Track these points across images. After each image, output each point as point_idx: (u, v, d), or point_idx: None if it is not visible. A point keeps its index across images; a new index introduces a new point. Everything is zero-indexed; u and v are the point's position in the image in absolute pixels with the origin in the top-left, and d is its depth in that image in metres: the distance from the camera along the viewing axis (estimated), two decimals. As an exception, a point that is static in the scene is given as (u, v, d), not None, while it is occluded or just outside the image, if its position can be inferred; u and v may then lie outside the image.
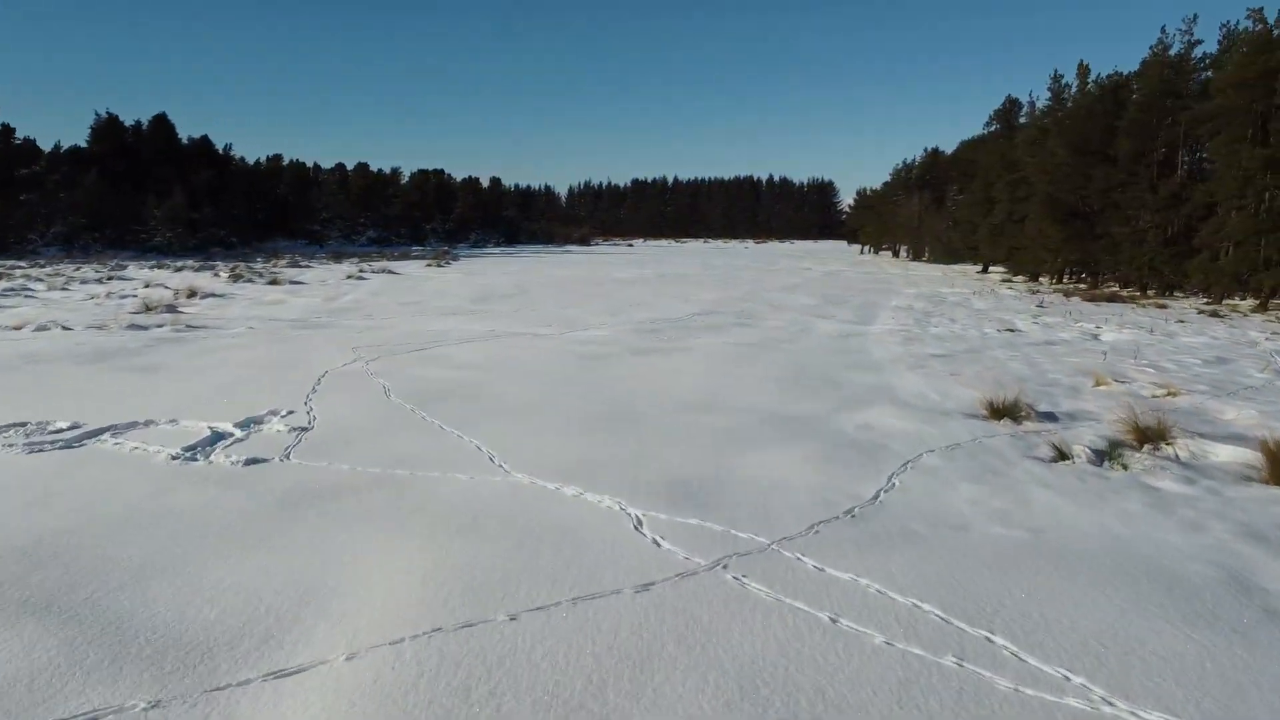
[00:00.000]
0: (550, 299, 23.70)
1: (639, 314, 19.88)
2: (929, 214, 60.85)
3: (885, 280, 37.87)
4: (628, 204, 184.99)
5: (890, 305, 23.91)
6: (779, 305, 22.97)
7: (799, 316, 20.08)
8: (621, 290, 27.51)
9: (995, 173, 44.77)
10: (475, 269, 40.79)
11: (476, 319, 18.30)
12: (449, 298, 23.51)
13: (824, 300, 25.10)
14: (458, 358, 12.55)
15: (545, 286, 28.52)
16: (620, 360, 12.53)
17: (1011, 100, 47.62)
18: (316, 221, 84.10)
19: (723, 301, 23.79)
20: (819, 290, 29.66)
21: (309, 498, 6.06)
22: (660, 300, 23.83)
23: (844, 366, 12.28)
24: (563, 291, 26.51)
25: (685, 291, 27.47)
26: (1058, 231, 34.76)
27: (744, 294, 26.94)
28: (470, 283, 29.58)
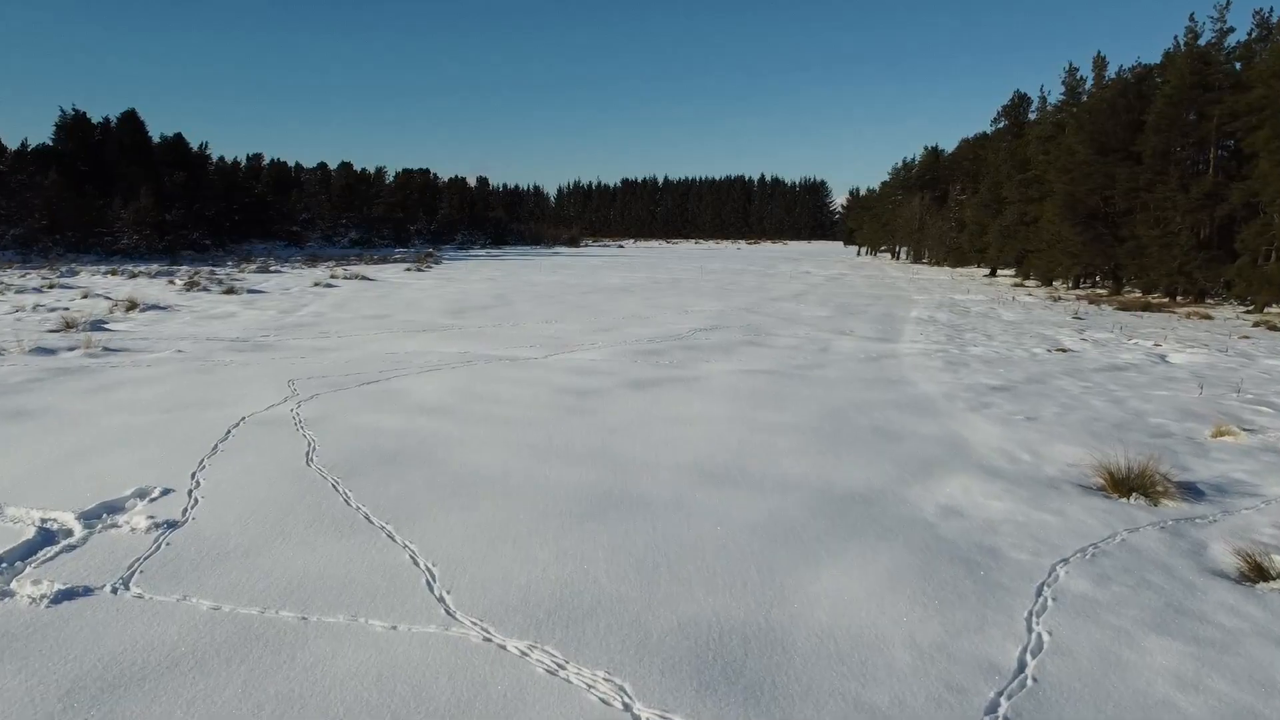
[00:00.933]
0: (535, 311, 21.36)
1: (635, 329, 17.56)
2: (930, 215, 58.75)
3: (893, 286, 35.67)
4: (617, 204, 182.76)
5: (910, 316, 21.67)
6: (789, 317, 20.69)
7: (814, 332, 17.80)
8: (614, 300, 25.20)
9: (1005, 172, 42.66)
10: (456, 274, 38.39)
11: (449, 337, 15.94)
12: (421, 310, 21.14)
13: (837, 310, 22.83)
14: (416, 395, 10.20)
15: (530, 295, 26.18)
16: (616, 398, 10.21)
17: (1020, 96, 45.51)
18: (296, 222, 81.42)
19: (726, 313, 21.49)
20: (827, 298, 27.42)
21: (110, 693, 3.70)
22: (657, 312, 21.52)
23: (891, 406, 10.00)
24: (549, 301, 24.18)
25: (683, 301, 25.16)
26: (1078, 234, 32.62)
27: (748, 303, 24.65)
28: (448, 291, 27.21)
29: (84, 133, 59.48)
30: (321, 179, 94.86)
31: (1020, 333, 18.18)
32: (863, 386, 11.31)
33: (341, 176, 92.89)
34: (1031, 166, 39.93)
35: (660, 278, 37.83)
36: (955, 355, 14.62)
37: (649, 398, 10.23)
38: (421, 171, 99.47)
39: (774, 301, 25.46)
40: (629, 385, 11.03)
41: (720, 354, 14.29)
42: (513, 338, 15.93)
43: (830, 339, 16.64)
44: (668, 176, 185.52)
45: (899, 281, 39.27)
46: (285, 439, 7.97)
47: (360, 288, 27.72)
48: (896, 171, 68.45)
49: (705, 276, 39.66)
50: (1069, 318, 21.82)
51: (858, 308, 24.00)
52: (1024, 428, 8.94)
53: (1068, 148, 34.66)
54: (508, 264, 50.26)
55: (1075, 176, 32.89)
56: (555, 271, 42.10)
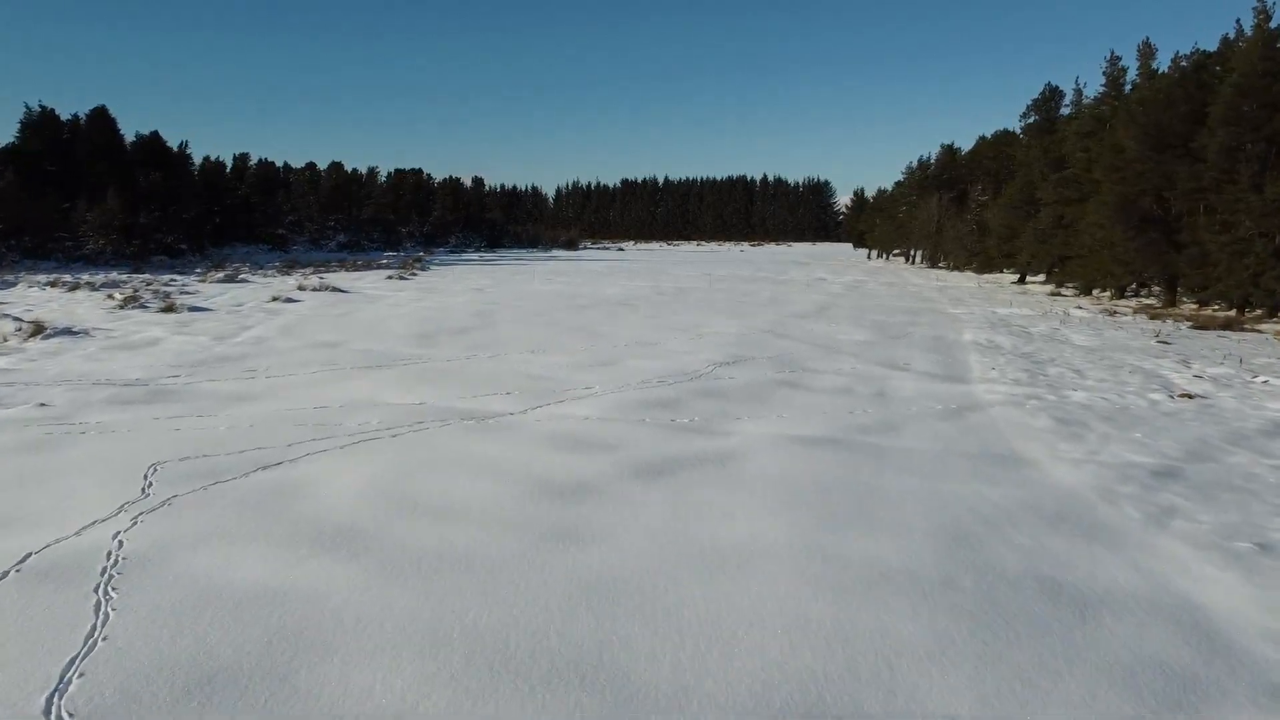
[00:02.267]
0: (521, 334, 18.06)
1: (640, 362, 14.25)
2: (949, 217, 55.44)
3: (922, 296, 32.36)
4: (617, 205, 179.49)
5: (965, 340, 18.37)
6: (823, 343, 17.37)
7: (860, 365, 14.50)
8: (614, 318, 21.89)
9: (1038, 170, 39.35)
10: (441, 283, 35.08)
11: (407, 378, 12.64)
12: (384, 334, 17.84)
13: (876, 333, 19.51)
14: (322, 499, 6.90)
15: (518, 312, 22.86)
16: (618, 503, 6.91)
17: (1052, 89, 42.20)
18: (282, 225, 78.03)
19: (747, 337, 18.18)
20: (857, 313, 24.10)
21: None
22: (665, 336, 18.22)
23: (1032, 516, 6.69)
24: (538, 320, 20.87)
25: (694, 319, 21.85)
26: (1129, 239, 29.32)
27: (768, 322, 21.34)
28: (425, 306, 23.88)
29: (52, 131, 56.16)
30: (310, 180, 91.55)
31: (1111, 365, 14.87)
32: (969, 470, 8.01)
33: (331, 177, 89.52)
34: (1069, 164, 36.64)
35: (665, 287, 34.53)
36: (1054, 403, 11.32)
37: (667, 502, 6.92)
38: (414, 171, 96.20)
39: (798, 320, 22.14)
40: (637, 473, 7.72)
41: (754, 403, 10.99)
42: (488, 377, 12.62)
43: (884, 377, 13.34)
44: (668, 177, 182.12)
45: (925, 290, 35.98)
46: (42, 630, 4.64)
47: (324, 303, 24.39)
48: (911, 171, 65.07)
49: (714, 286, 36.36)
50: (1152, 341, 18.50)
51: (898, 328, 20.68)
52: (1261, 567, 5.64)
53: (1115, 144, 31.35)
54: (500, 270, 46.96)
55: (1126, 176, 29.57)
56: (550, 279, 38.80)
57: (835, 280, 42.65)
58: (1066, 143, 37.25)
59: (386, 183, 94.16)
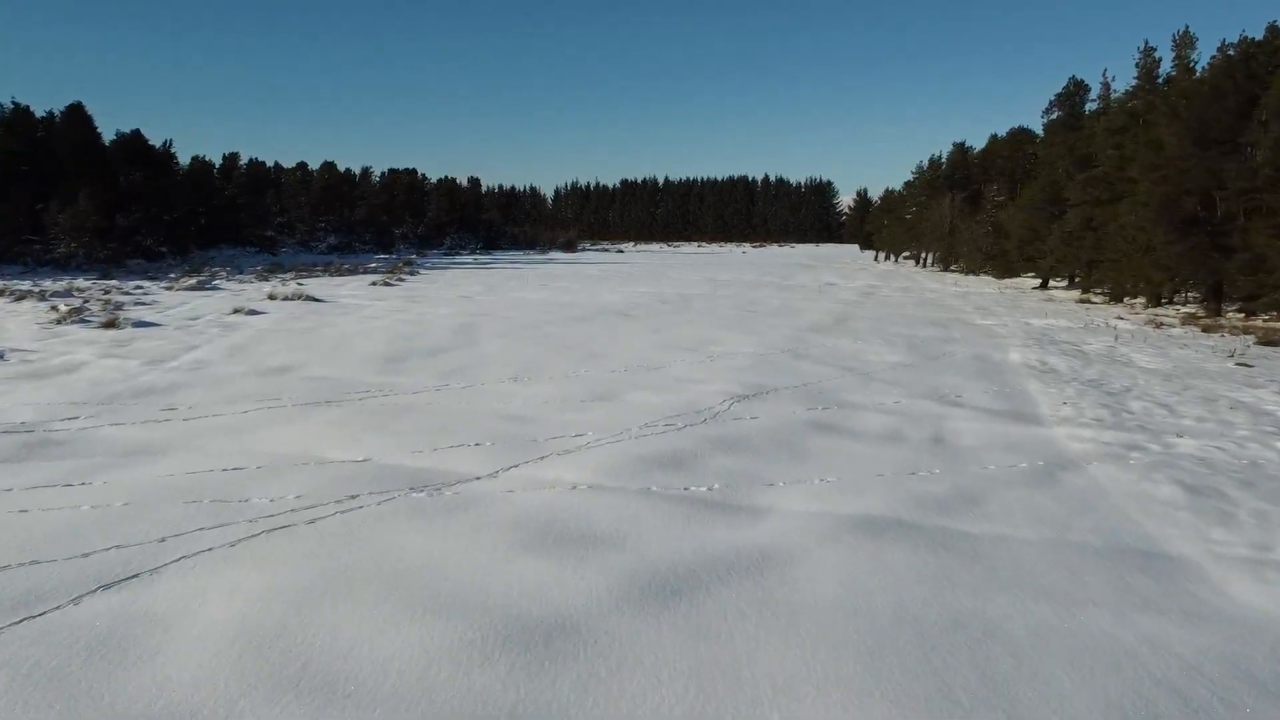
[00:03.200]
0: (505, 354, 15.74)
1: (643, 396, 11.94)
2: (962, 218, 53.12)
3: (943, 304, 30.04)
4: (616, 205, 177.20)
5: (1013, 362, 16.05)
6: (853, 365, 15.04)
7: (904, 399, 12.19)
8: (612, 333, 19.59)
9: (1063, 169, 37.05)
10: (428, 290, 32.76)
11: (357, 420, 10.32)
12: (347, 356, 15.51)
13: (909, 351, 17.18)
14: (154, 669, 4.57)
15: (505, 325, 20.55)
16: (612, 657, 4.58)
17: (1077, 83, 39.87)
18: (270, 226, 75.64)
19: (766, 359, 15.85)
20: (880, 326, 21.77)
21: None
22: (671, 356, 15.90)
23: (1247, 685, 4.38)
24: (527, 336, 18.56)
25: (701, 333, 19.54)
26: (1171, 243, 27.02)
27: (785, 338, 19.02)
28: (403, 319, 21.56)
29: (26, 129, 53.83)
30: (302, 180, 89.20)
31: (1201, 397, 12.55)
32: (1109, 584, 5.68)
33: (323, 177, 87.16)
34: (1097, 163, 34.35)
35: (667, 294, 32.21)
36: (1164, 458, 8.99)
37: (687, 659, 4.59)
38: (408, 171, 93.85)
39: (817, 335, 19.82)
40: (642, 594, 5.39)
41: (785, 459, 8.68)
42: (457, 419, 10.30)
43: (938, 415, 11.03)
44: (668, 177, 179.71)
45: (945, 297, 33.65)
46: None
47: (291, 315, 22.03)
48: (921, 171, 62.67)
49: (719, 291, 34.03)
50: (1229, 363, 16.16)
51: (931, 345, 18.36)
52: None
53: (1152, 141, 29.07)
54: (494, 274, 44.64)
55: (1168, 175, 27.27)
56: (545, 284, 36.49)
57: (846, 285, 40.34)
58: (1095, 140, 34.95)
59: (380, 183, 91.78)
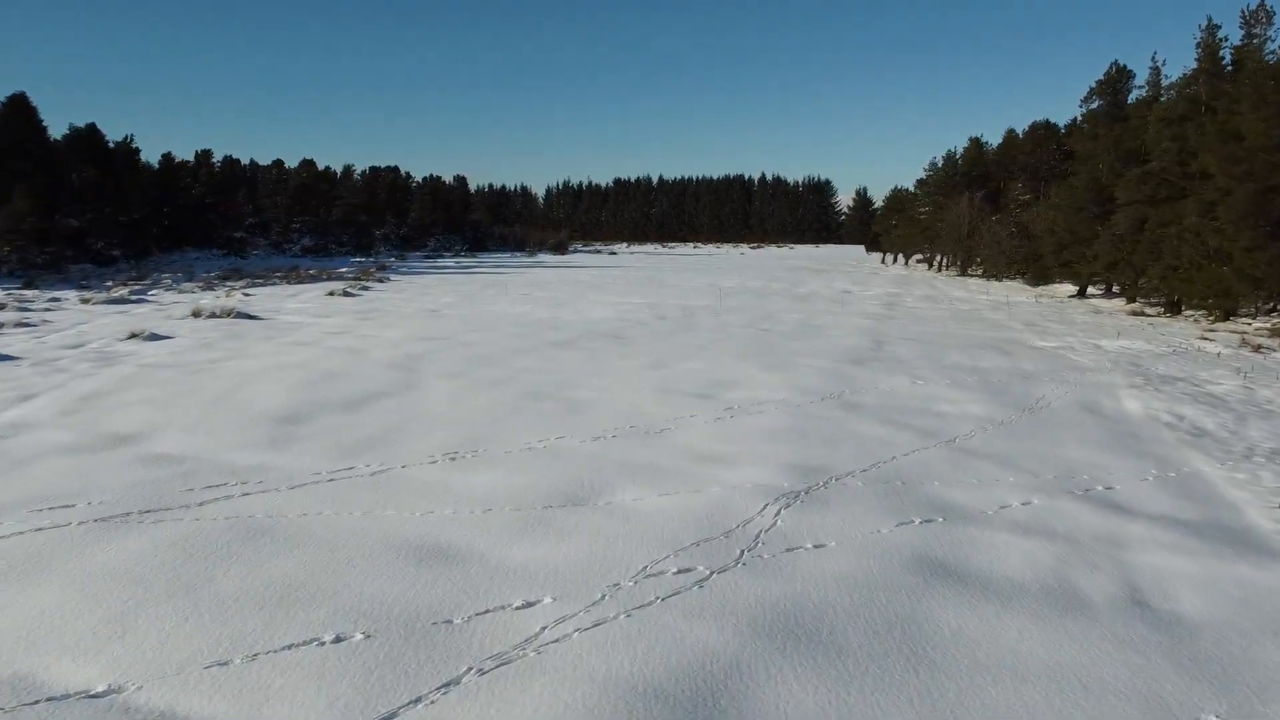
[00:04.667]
0: (448, 411, 11.61)
1: (638, 497, 7.83)
2: (982, 218, 49.12)
3: (984, 318, 25.97)
4: (609, 205, 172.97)
5: (1137, 414, 11.96)
6: (934, 427, 10.93)
7: (1039, 499, 8.10)
8: (599, 368, 15.48)
9: (1108, 164, 33.03)
10: (391, 301, 28.63)
11: (147, 577, 6.21)
12: (226, 417, 11.36)
13: (989, 394, 13.08)
14: None
15: (463, 358, 16.41)
16: None
17: (1119, 69, 35.86)
18: (241, 227, 71.26)
19: (806, 414, 11.74)
20: (928, 350, 17.68)
21: None
22: (677, 409, 11.78)
23: None
24: (487, 375, 14.43)
25: (714, 368, 15.43)
26: (1259, 249, 23.01)
27: (824, 376, 14.89)
28: (338, 347, 17.41)
29: (-32, 121, 49.37)
30: (278, 178, 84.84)
31: None
32: None
33: (300, 175, 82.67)
34: (1151, 157, 30.36)
35: (666, 306, 28.11)
36: None
37: None
38: (390, 169, 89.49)
39: (859, 368, 15.73)
40: None
41: (902, 677, 4.59)
42: (324, 566, 6.16)
43: (1108, 537, 6.96)
44: (663, 176, 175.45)
45: (980, 309, 29.63)
46: None
47: (200, 342, 17.83)
48: (935, 168, 58.61)
49: (725, 302, 29.96)
50: None
51: (1013, 386, 14.27)
52: None
53: (1227, 130, 25.06)
54: (473, 281, 40.49)
55: (1254, 169, 23.26)
56: (528, 294, 32.37)
57: (864, 294, 36.28)
58: (1147, 130, 30.96)
59: (360, 181, 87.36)
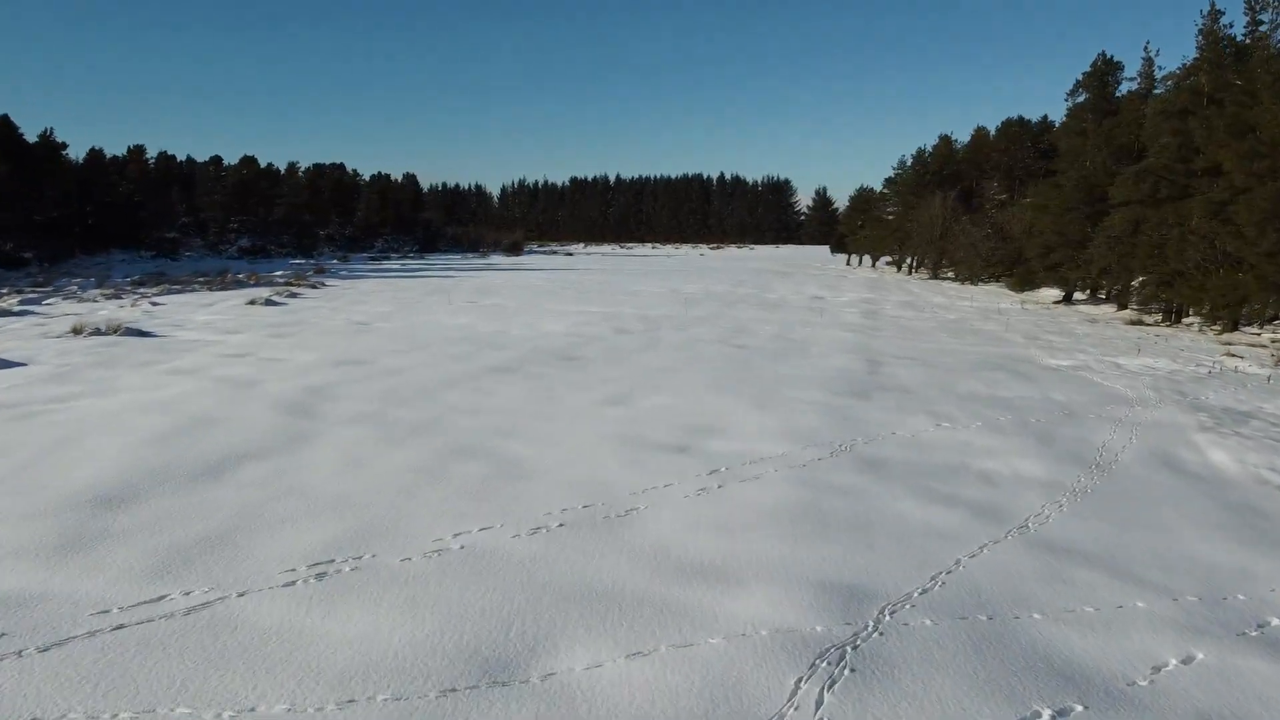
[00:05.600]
0: (336, 484, 8.63)
1: (586, 652, 4.94)
2: (956, 219, 47.03)
3: (982, 332, 23.53)
4: (566, 204, 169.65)
5: (1234, 475, 9.40)
6: (990, 502, 8.22)
7: (1184, 637, 5.40)
8: (545, 404, 12.58)
9: (1100, 161, 30.90)
10: (317, 312, 25.41)
11: None
12: (37, 494, 8.27)
13: (1043, 448, 10.41)
14: None
15: (378, 395, 13.39)
16: None
17: (1107, 60, 33.79)
18: (174, 227, 67.01)
19: (815, 477, 8.97)
20: (937, 374, 15.06)
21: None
22: (644, 472, 8.93)
23: None
24: (402, 420, 11.46)
25: (687, 404, 12.60)
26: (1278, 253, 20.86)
27: (822, 413, 12.15)
28: (225, 379, 14.26)
29: None
30: (216, 175, 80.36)
31: None
32: None
33: (237, 172, 78.26)
34: (1148, 152, 28.26)
35: (625, 316, 25.27)
36: None
37: None
38: (335, 166, 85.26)
39: (863, 403, 13.04)
40: None
41: None
42: None
43: None
44: (620, 175, 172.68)
45: (971, 319, 27.25)
46: None
47: (54, 373, 14.53)
48: (904, 167, 56.56)
49: (691, 311, 27.20)
50: None
51: (1059, 429, 11.67)
52: None
53: (1239, 124, 22.93)
54: (416, 286, 37.25)
55: (1278, 166, 21.10)
56: (473, 301, 29.30)
57: (837, 299, 33.80)
58: (1144, 125, 28.87)
59: (304, 179, 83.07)
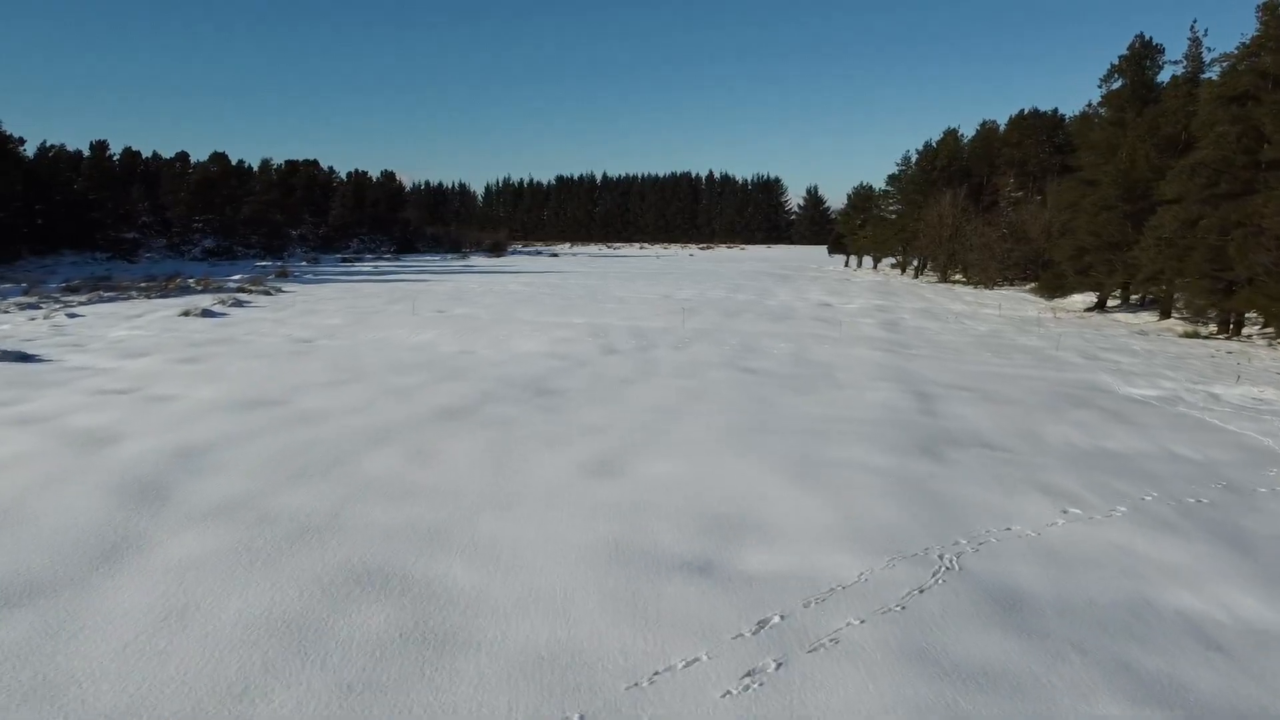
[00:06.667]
0: (128, 663, 5.21)
1: None
2: (967, 218, 43.84)
3: (1030, 350, 20.26)
4: (551, 203, 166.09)
5: None
6: (1231, 698, 4.92)
7: None
8: (502, 476, 9.21)
9: (1142, 154, 27.70)
10: (255, 328, 21.90)
11: None
12: None
13: (1257, 567, 7.14)
14: None
15: (278, 453, 9.97)
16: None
17: (1145, 42, 30.59)
18: (134, 227, 63.15)
19: (935, 656, 5.62)
20: (1020, 419, 11.77)
21: None
22: (646, 620, 5.58)
23: None
24: (288, 508, 8.04)
25: (700, 476, 9.25)
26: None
27: (901, 509, 8.83)
28: (79, 431, 10.80)
29: None
30: (181, 173, 76.38)
31: None
32: None
33: (207, 169, 74.24)
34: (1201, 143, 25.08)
35: (613, 329, 21.89)
36: None
37: None
38: (308, 163, 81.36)
39: (939, 465, 9.73)
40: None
41: None
42: None
43: None
44: (606, 173, 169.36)
45: (1004, 331, 24.01)
46: None
47: None
48: (909, 163, 53.31)
49: (688, 322, 23.83)
50: None
51: (1254, 526, 8.38)
52: None
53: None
54: (382, 292, 33.70)
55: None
56: (442, 311, 25.83)
57: (846, 307, 30.51)
58: (1196, 112, 25.68)
59: (275, 176, 79.14)
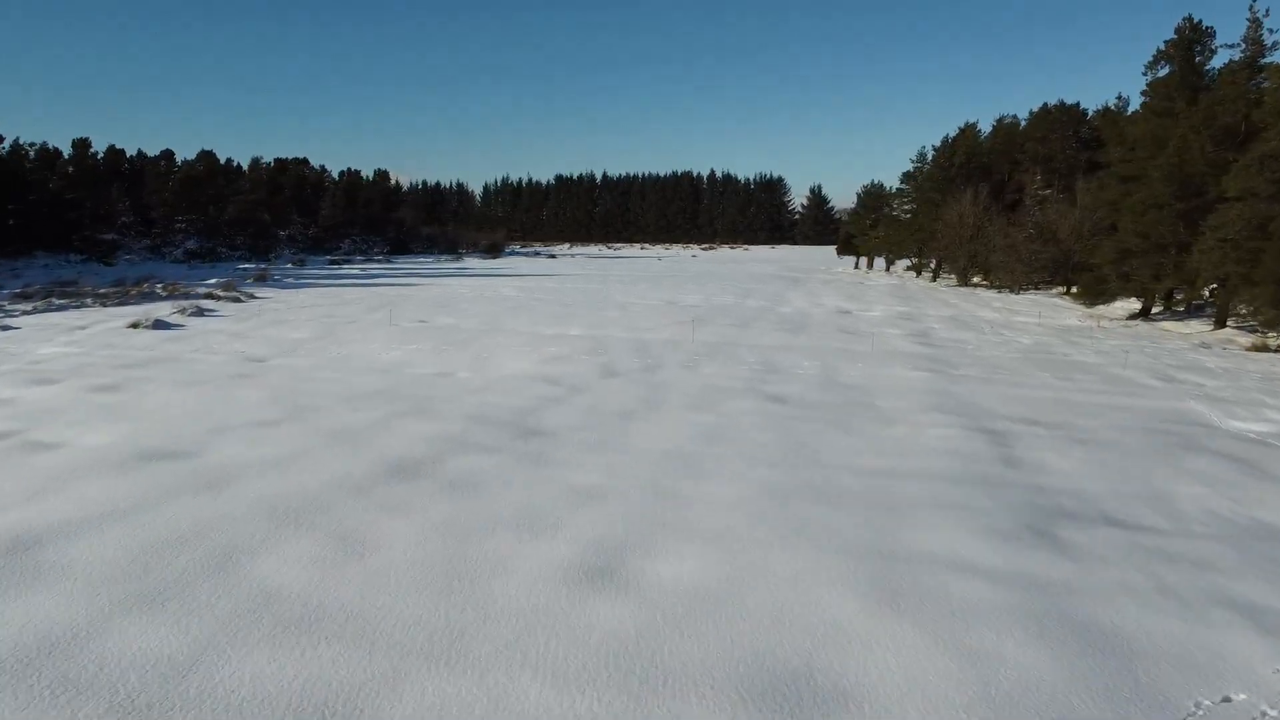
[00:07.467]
0: None
1: None
2: (989, 218, 41.31)
3: (1079, 364, 17.73)
4: (551, 203, 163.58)
5: None
6: None
7: None
8: (459, 593, 6.69)
9: (1197, 147, 25.17)
10: (207, 341, 19.38)
11: None
12: None
13: None
14: None
15: (140, 547, 7.42)
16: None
17: (1194, 25, 28.05)
18: (114, 227, 60.65)
19: None
20: (1130, 467, 9.26)
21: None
22: None
23: None
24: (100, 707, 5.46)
25: (742, 589, 6.71)
26: None
27: (1052, 651, 6.29)
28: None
29: None
30: (166, 171, 73.89)
31: None
32: None
33: (193, 167, 71.70)
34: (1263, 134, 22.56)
35: (615, 343, 19.37)
36: None
37: None
38: (298, 161, 78.84)
39: (1065, 563, 7.22)
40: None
41: None
42: None
43: None
44: (606, 173, 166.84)
45: (1050, 343, 21.48)
46: None
47: None
48: (924, 160, 50.78)
49: (699, 334, 21.30)
50: None
51: None
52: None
53: None
54: (364, 298, 31.16)
55: None
56: (424, 321, 23.28)
57: (867, 314, 27.97)
58: (1265, 101, 23.16)
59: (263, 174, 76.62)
